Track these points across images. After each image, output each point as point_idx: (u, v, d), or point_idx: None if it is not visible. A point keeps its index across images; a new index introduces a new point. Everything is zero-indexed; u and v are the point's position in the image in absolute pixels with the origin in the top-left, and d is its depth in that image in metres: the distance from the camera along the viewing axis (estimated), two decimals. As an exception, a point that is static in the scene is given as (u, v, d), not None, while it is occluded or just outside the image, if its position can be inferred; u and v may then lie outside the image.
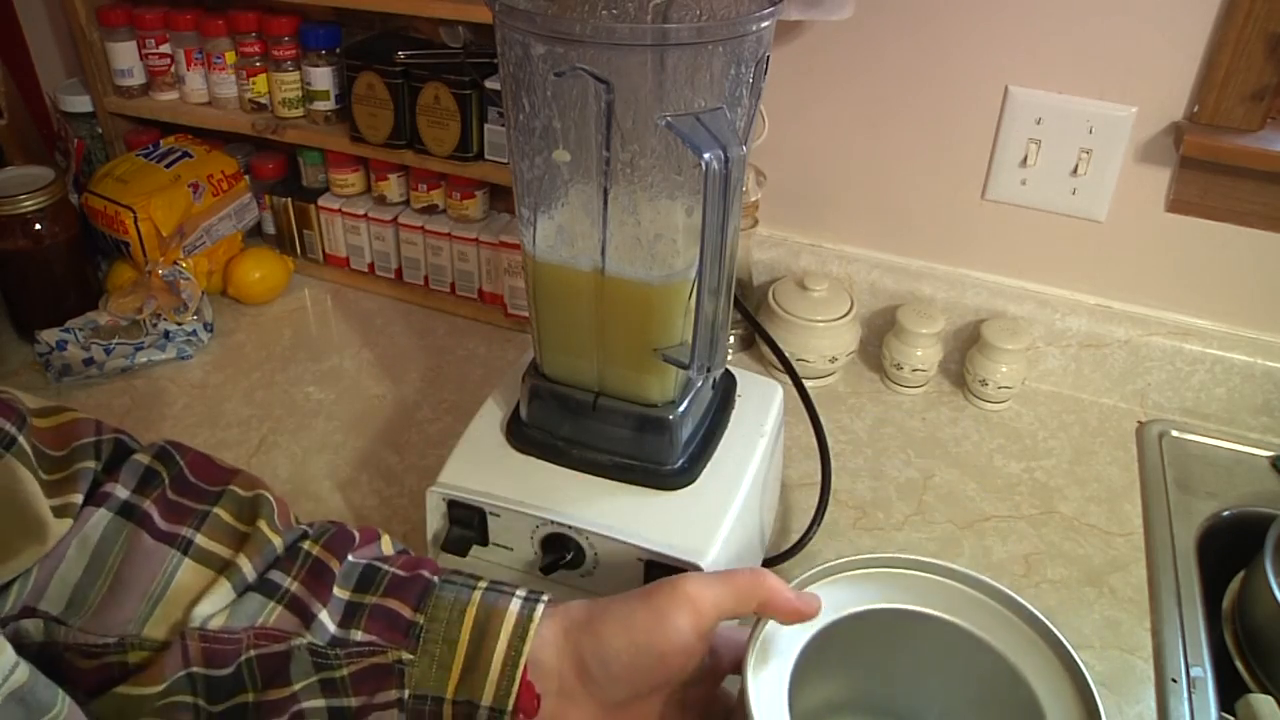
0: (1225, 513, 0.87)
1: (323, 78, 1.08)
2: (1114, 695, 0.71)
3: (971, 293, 1.03)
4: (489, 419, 0.70)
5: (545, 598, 0.48)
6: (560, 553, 0.63)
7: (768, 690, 0.48)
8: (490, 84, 0.99)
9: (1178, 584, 0.80)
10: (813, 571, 0.55)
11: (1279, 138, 0.86)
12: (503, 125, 1.01)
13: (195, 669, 0.44)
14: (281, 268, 1.17)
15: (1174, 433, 0.97)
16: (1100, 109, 0.91)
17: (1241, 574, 0.81)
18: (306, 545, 0.48)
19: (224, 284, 1.16)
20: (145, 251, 1.09)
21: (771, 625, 0.52)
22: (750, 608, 0.49)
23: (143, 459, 0.50)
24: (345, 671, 0.45)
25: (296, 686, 0.45)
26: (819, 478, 0.81)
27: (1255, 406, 0.96)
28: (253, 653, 0.45)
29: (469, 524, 0.65)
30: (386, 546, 0.51)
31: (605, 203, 0.55)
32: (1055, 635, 0.54)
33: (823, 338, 1.00)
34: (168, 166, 1.12)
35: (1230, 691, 0.72)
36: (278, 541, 0.48)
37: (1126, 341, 0.98)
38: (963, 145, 0.98)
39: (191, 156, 1.14)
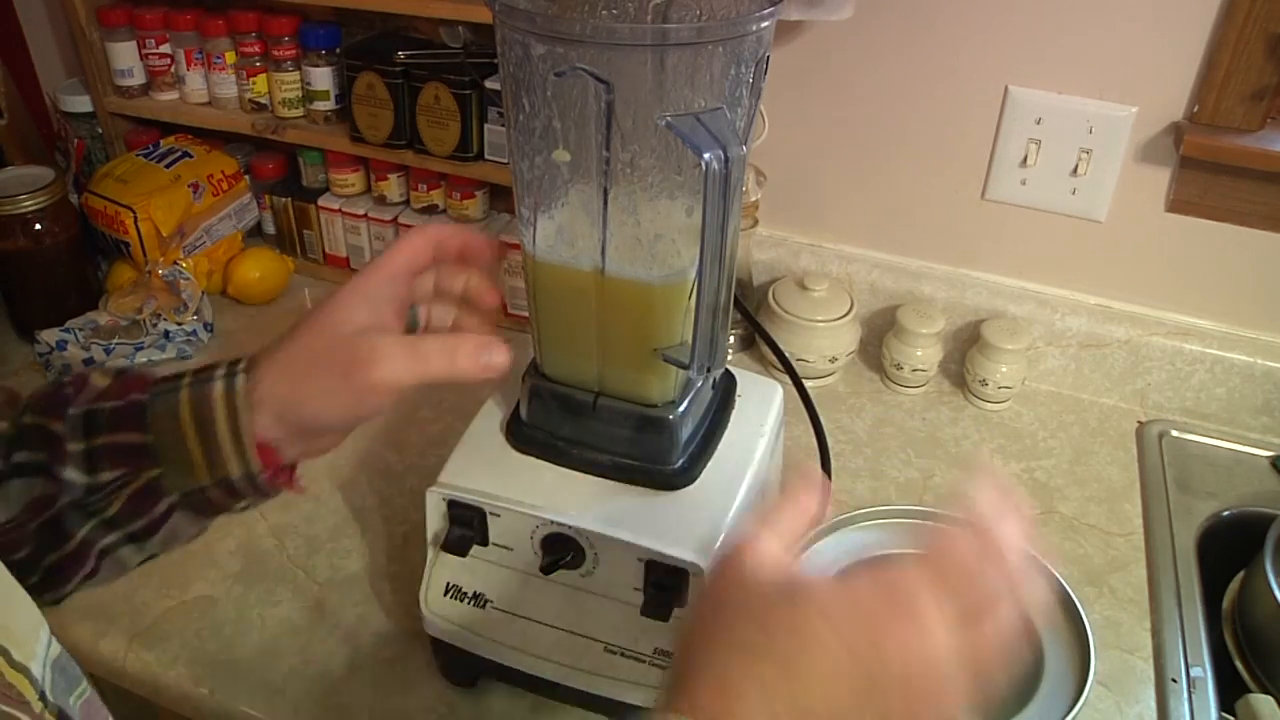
0: (1225, 513, 0.87)
1: (323, 78, 1.08)
2: (1114, 695, 0.71)
3: (971, 293, 1.03)
4: (489, 419, 0.70)
5: (240, 367, 0.51)
6: (560, 553, 0.63)
7: None
8: (490, 84, 0.99)
9: (1178, 584, 0.80)
10: (837, 519, 0.62)
11: (1279, 138, 0.86)
12: (503, 125, 1.01)
13: None
14: (281, 268, 1.17)
15: (1174, 433, 0.97)
16: (1100, 109, 0.91)
17: (1241, 574, 0.81)
18: (27, 419, 0.50)
19: (224, 284, 1.16)
20: (145, 251, 1.09)
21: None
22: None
23: None
24: (115, 508, 0.49)
25: (81, 534, 0.49)
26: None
27: (1255, 406, 0.96)
28: (34, 524, 0.49)
29: (469, 524, 0.65)
30: (99, 380, 0.53)
31: (605, 203, 0.55)
32: (1052, 574, 0.61)
33: (823, 338, 1.00)
34: (168, 166, 1.12)
35: (1230, 691, 0.72)
36: (4, 425, 0.50)
37: (1126, 341, 0.98)
38: (963, 145, 0.98)
39: (191, 156, 1.14)
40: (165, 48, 1.14)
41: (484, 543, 0.66)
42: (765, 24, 0.52)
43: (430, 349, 0.50)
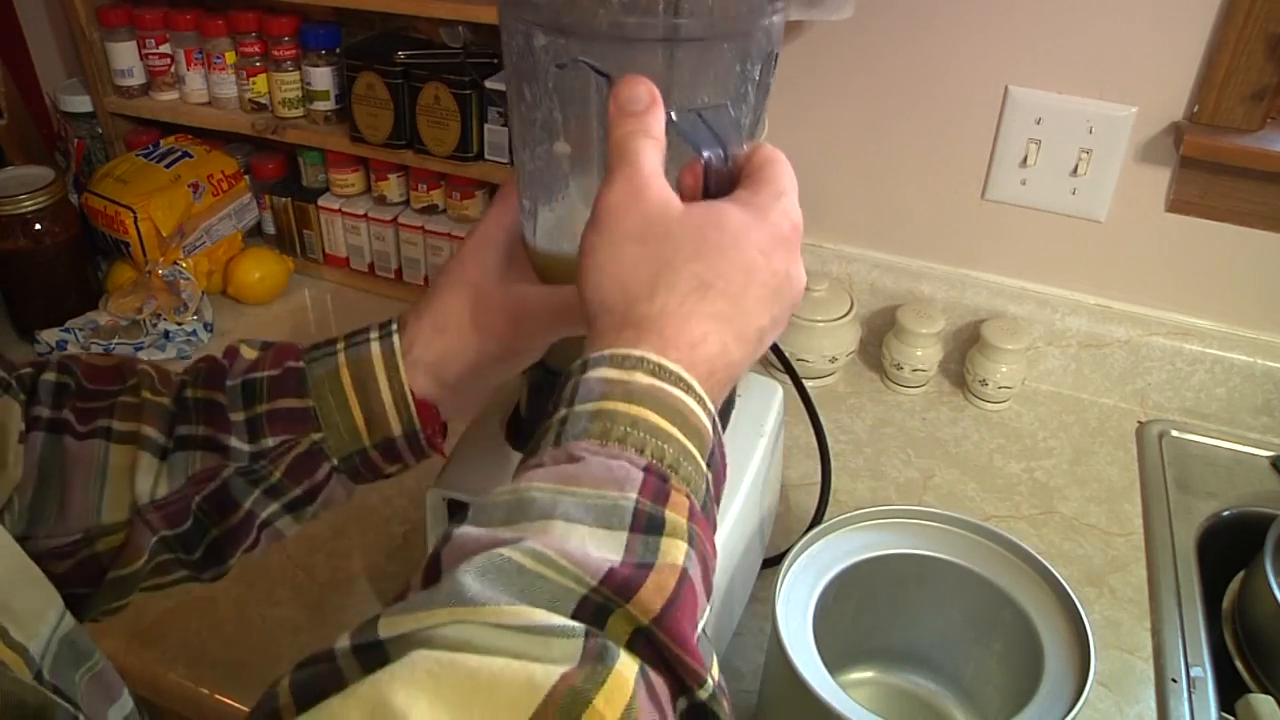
0: (1225, 513, 0.87)
1: (323, 78, 1.08)
2: (1114, 695, 0.71)
3: (971, 293, 1.03)
4: (489, 418, 0.70)
5: (394, 328, 0.51)
6: (560, 552, 0.63)
7: (794, 625, 0.53)
8: (490, 84, 0.99)
9: (1178, 584, 0.80)
10: (837, 519, 0.64)
11: (1279, 138, 0.86)
12: (503, 125, 1.01)
13: (163, 533, 0.50)
14: (281, 268, 1.17)
15: (1174, 433, 0.97)
16: (1100, 109, 0.91)
17: (1241, 574, 0.81)
18: (189, 393, 0.51)
19: (224, 284, 1.16)
20: (145, 251, 1.09)
21: (797, 565, 0.62)
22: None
23: (50, 377, 0.53)
24: (278, 474, 0.50)
25: (247, 505, 0.50)
26: (819, 478, 0.81)
27: (1255, 406, 0.96)
28: (198, 498, 0.50)
29: (469, 523, 0.65)
30: (248, 353, 0.53)
31: None
32: (1052, 573, 0.61)
33: (823, 338, 1.00)
34: (168, 166, 1.12)
35: (1230, 691, 0.72)
36: (166, 401, 0.51)
37: (1126, 341, 0.98)
38: (963, 145, 0.98)
39: (191, 156, 1.14)
40: (165, 48, 1.14)
41: (484, 542, 0.66)
42: (776, 18, 0.51)
43: (569, 294, 0.48)
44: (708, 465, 0.37)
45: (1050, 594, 0.62)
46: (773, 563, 0.78)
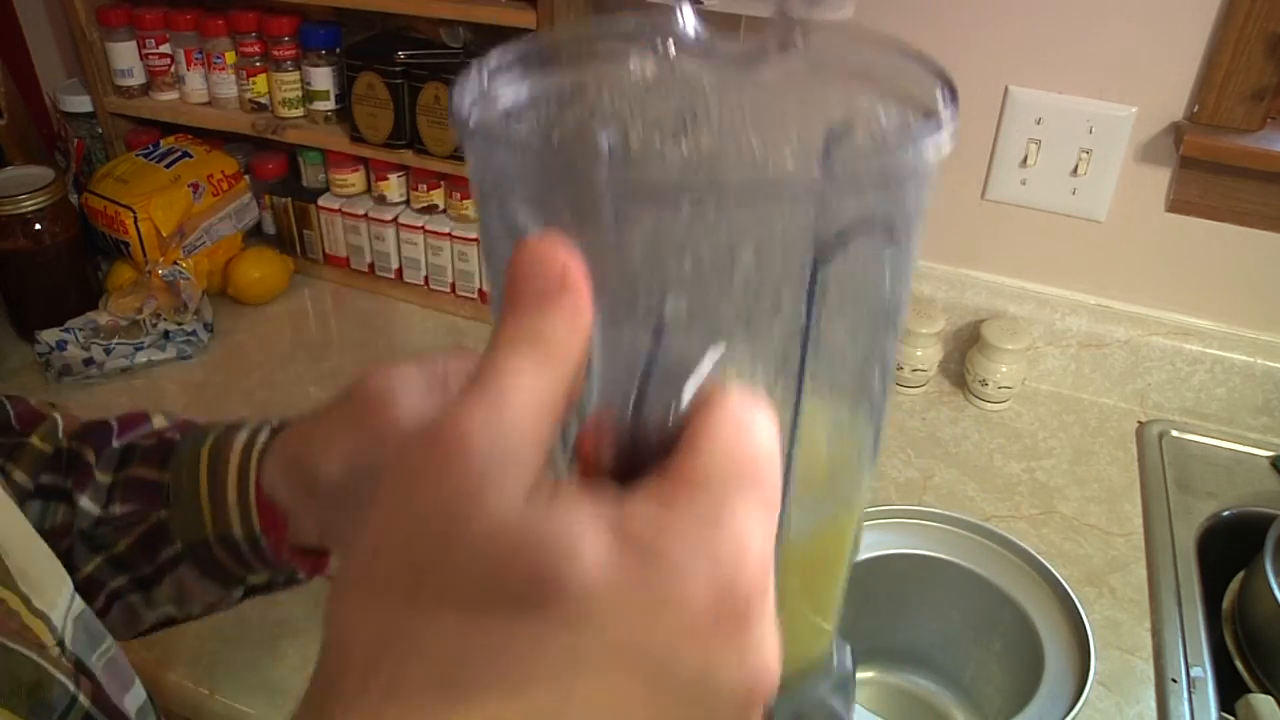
0: (1225, 513, 0.87)
1: (323, 78, 1.08)
2: (1114, 695, 0.71)
3: (971, 293, 1.03)
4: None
5: (272, 424, 0.47)
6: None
7: None
8: (490, 84, 0.99)
9: (1178, 584, 0.80)
10: None
11: (1279, 138, 0.86)
12: (503, 125, 1.01)
13: None
14: (281, 268, 1.17)
15: (1174, 433, 0.97)
16: (1100, 109, 0.91)
17: (1241, 574, 0.81)
18: (67, 444, 0.49)
19: (224, 284, 1.16)
20: (145, 251, 1.09)
21: None
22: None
23: None
24: (122, 545, 0.47)
25: (88, 569, 0.47)
26: (819, 478, 0.81)
27: (1255, 406, 0.96)
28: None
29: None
30: (158, 422, 0.51)
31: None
32: (1052, 574, 0.63)
33: (823, 338, 1.00)
34: (168, 166, 1.12)
35: (1230, 691, 0.72)
36: (47, 448, 0.49)
37: (1126, 341, 0.98)
38: (963, 145, 0.98)
39: (191, 156, 1.14)
40: (165, 48, 1.14)
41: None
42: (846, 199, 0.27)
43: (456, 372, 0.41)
44: None
45: (1050, 594, 0.62)
46: (773, 563, 0.78)
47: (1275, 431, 0.96)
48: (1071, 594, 0.61)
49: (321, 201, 1.16)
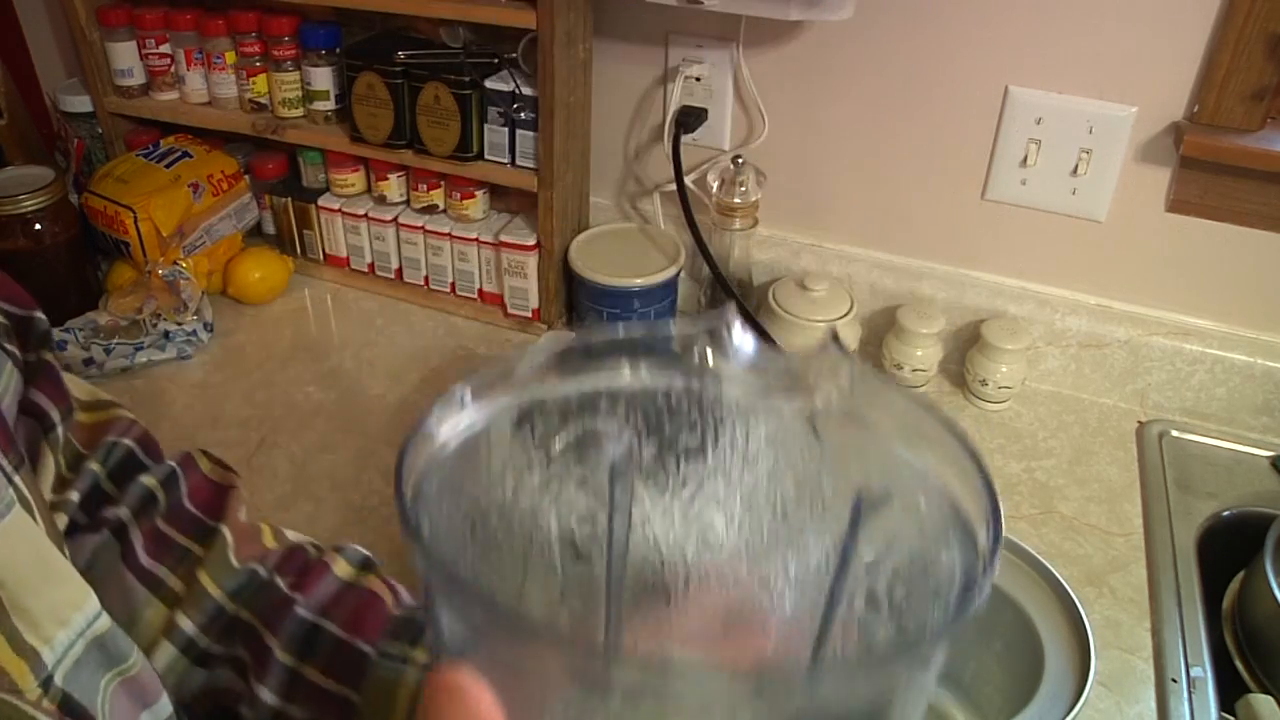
0: (1225, 513, 0.87)
1: (323, 78, 1.08)
2: (1114, 695, 0.71)
3: (971, 293, 1.03)
4: (489, 419, 0.70)
5: None
6: (560, 553, 0.62)
7: None
8: (490, 84, 0.99)
9: (1178, 584, 0.80)
10: None
11: (1279, 138, 0.86)
12: (503, 125, 1.01)
13: None
14: (281, 268, 1.17)
15: (1174, 433, 0.97)
16: (1100, 109, 0.91)
17: (1241, 574, 0.81)
18: (243, 614, 0.47)
19: (224, 284, 1.16)
20: (145, 251, 1.09)
21: None
22: None
23: (149, 482, 0.49)
24: None
25: None
26: (819, 478, 0.81)
27: (1255, 406, 0.96)
28: (209, 707, 0.47)
29: (469, 524, 0.65)
30: (342, 570, 0.49)
31: None
32: (1052, 574, 0.62)
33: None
34: (168, 166, 1.12)
35: (1230, 691, 0.72)
36: (219, 595, 0.48)
37: (1126, 341, 0.98)
38: (963, 145, 0.98)
39: (191, 156, 1.14)
40: (165, 48, 1.14)
41: (484, 543, 0.66)
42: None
43: None
44: None
45: (1050, 594, 0.62)
46: (773, 563, 0.78)
47: (1275, 431, 0.96)
48: (1072, 594, 0.61)
49: (321, 201, 1.16)
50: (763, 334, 0.93)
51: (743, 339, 0.32)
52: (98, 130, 1.22)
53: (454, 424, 0.29)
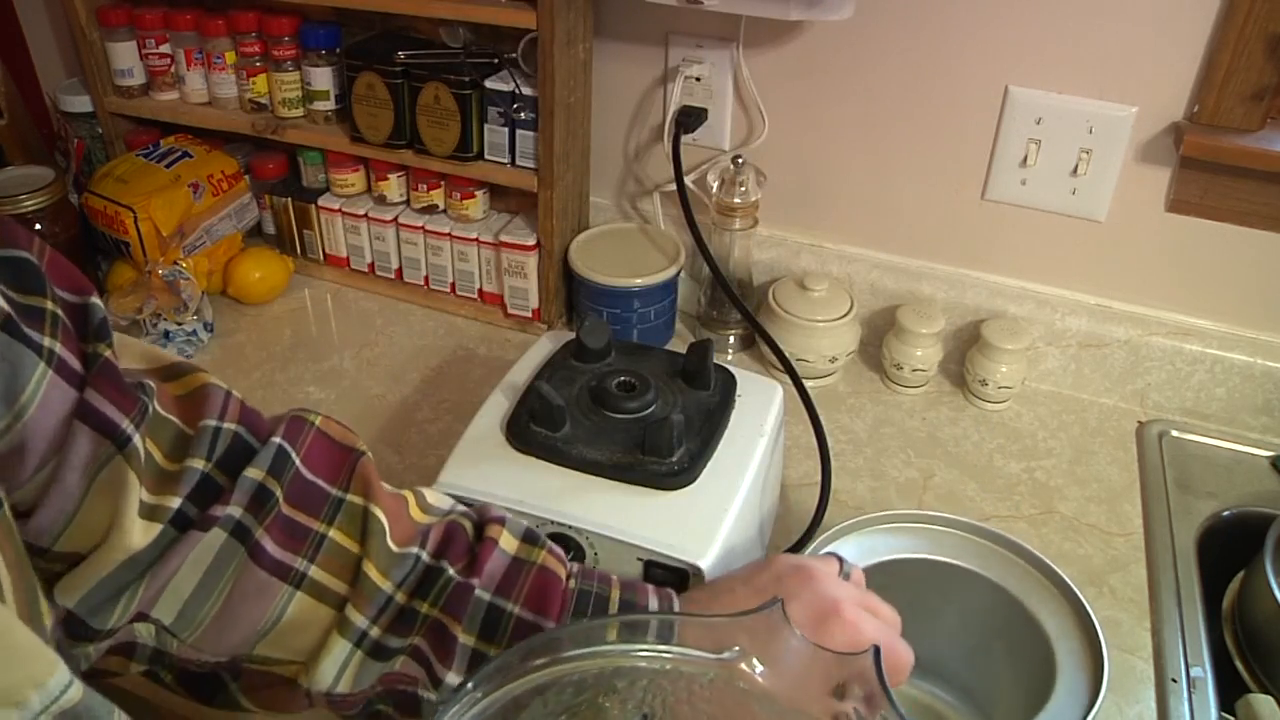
0: (1225, 513, 0.87)
1: (323, 78, 1.08)
2: (1114, 695, 0.71)
3: (971, 293, 1.03)
4: (489, 419, 0.70)
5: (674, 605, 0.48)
6: (560, 553, 0.63)
7: None
8: (490, 84, 0.99)
9: (1178, 584, 0.80)
10: (848, 523, 0.64)
11: (1279, 138, 0.86)
12: (503, 125, 1.01)
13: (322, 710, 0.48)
14: (281, 268, 1.17)
15: (1174, 433, 0.97)
16: (1100, 109, 0.91)
17: (1241, 574, 0.81)
18: (420, 607, 0.47)
19: (224, 284, 1.16)
20: (145, 251, 1.09)
21: None
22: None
23: (256, 475, 0.48)
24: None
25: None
26: (819, 478, 0.81)
27: (1255, 406, 0.96)
28: (380, 690, 0.47)
29: (469, 524, 0.65)
30: (507, 543, 0.49)
31: None
32: (1060, 576, 0.63)
33: (823, 338, 1.00)
34: (168, 166, 1.12)
35: (1230, 691, 0.72)
36: (388, 587, 0.47)
37: (1126, 341, 0.98)
38: (963, 145, 0.98)
39: (191, 156, 1.14)
40: (165, 48, 1.14)
41: (484, 543, 0.66)
42: None
43: None
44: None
45: (1056, 594, 0.62)
46: (773, 563, 0.78)
47: (1275, 431, 0.96)
48: (1079, 595, 0.61)
49: (321, 201, 1.16)
50: (764, 335, 0.93)
51: (777, 630, 0.39)
52: (98, 130, 1.22)
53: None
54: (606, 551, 0.62)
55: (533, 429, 0.67)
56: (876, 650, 0.37)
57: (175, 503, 0.46)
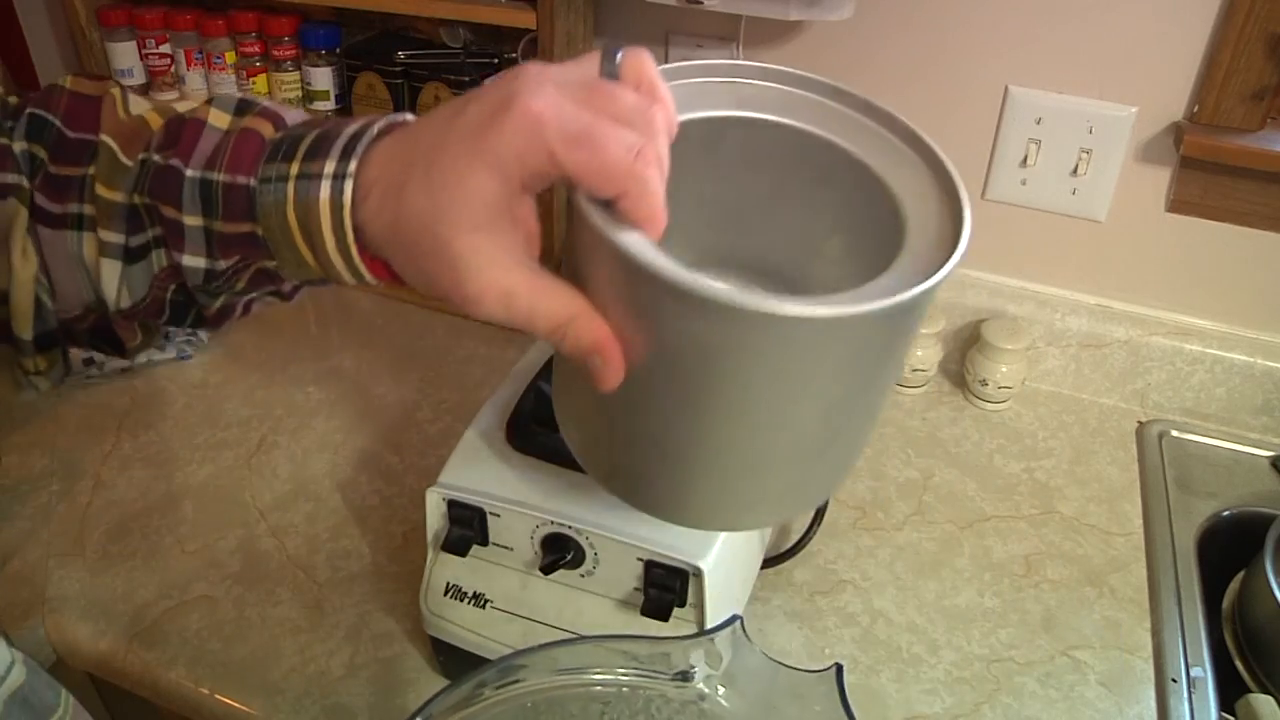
0: (1225, 513, 0.87)
1: (323, 78, 1.08)
2: (1114, 695, 0.71)
3: (971, 293, 1.03)
4: (489, 419, 0.70)
5: (351, 169, 0.43)
6: (560, 553, 0.63)
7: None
8: (490, 84, 0.99)
9: (1178, 584, 0.80)
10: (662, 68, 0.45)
11: (1279, 138, 0.86)
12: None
13: (145, 322, 0.52)
14: (281, 268, 1.17)
15: (1174, 433, 0.97)
16: (1100, 109, 0.91)
17: (1241, 574, 0.81)
18: (138, 200, 0.48)
19: (224, 284, 1.16)
20: (145, 251, 1.09)
21: None
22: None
23: (19, 145, 0.50)
24: (242, 283, 0.48)
25: (219, 302, 0.50)
26: (819, 478, 0.81)
27: (1255, 406, 0.96)
28: (170, 292, 0.49)
29: (469, 524, 0.65)
30: (217, 119, 0.48)
31: None
32: (926, 143, 0.50)
33: (823, 337, 1.00)
34: (168, 166, 1.12)
35: (1230, 691, 0.72)
36: (120, 199, 0.48)
37: (1126, 341, 0.98)
38: (963, 145, 0.98)
39: (191, 156, 1.14)
40: (165, 48, 1.14)
41: (484, 543, 0.66)
42: None
43: (539, 307, 0.42)
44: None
45: (923, 168, 0.52)
46: (772, 563, 0.78)
47: (1275, 431, 0.96)
48: (925, 138, 0.50)
49: (321, 201, 1.16)
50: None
51: (738, 648, 0.34)
52: (98, 130, 1.22)
53: None
54: (607, 551, 0.62)
55: (533, 429, 0.67)
56: (839, 669, 0.34)
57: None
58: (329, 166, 0.43)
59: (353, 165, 0.42)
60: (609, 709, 0.37)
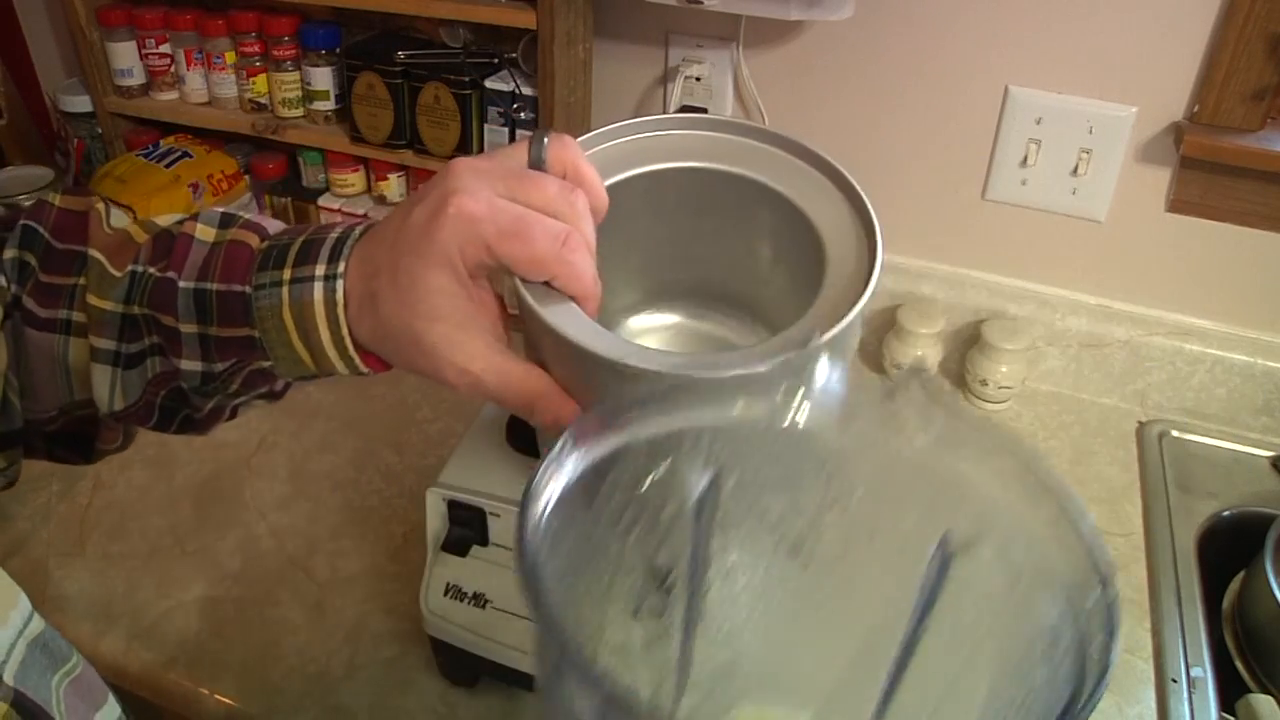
0: (1225, 513, 0.87)
1: (323, 78, 1.08)
2: (1114, 695, 0.71)
3: (971, 293, 1.03)
4: (489, 419, 0.70)
5: (341, 270, 0.47)
6: (560, 553, 0.63)
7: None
8: (490, 84, 0.99)
9: (1178, 584, 0.80)
10: (584, 137, 0.51)
11: (1279, 138, 0.86)
12: (503, 125, 1.01)
13: (133, 428, 0.53)
14: (281, 268, 1.17)
15: (1174, 433, 0.97)
16: (1100, 109, 0.91)
17: (1241, 574, 0.81)
18: (137, 310, 0.50)
19: (224, 284, 1.15)
20: (145, 251, 1.09)
21: None
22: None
23: (10, 254, 0.51)
24: (235, 385, 0.50)
25: (211, 404, 0.52)
26: (819, 478, 0.81)
27: (1255, 406, 0.96)
28: (161, 396, 0.51)
29: (469, 524, 0.65)
30: (204, 233, 0.50)
31: None
32: (837, 170, 0.56)
33: (823, 338, 1.00)
34: (168, 166, 1.12)
35: (1230, 691, 0.72)
36: (112, 307, 0.50)
37: (1126, 341, 0.98)
38: (963, 145, 0.98)
39: (191, 156, 1.14)
40: (165, 48, 1.14)
41: (484, 543, 0.66)
42: None
43: (505, 391, 0.46)
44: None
45: (828, 186, 0.56)
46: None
47: (1275, 431, 0.96)
48: (847, 175, 0.54)
49: (321, 201, 1.16)
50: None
51: (832, 373, 0.35)
52: (98, 130, 1.22)
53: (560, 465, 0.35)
54: (606, 551, 0.62)
55: (532, 429, 0.67)
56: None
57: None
58: (320, 269, 0.47)
59: (341, 266, 0.47)
60: (715, 439, 0.38)
